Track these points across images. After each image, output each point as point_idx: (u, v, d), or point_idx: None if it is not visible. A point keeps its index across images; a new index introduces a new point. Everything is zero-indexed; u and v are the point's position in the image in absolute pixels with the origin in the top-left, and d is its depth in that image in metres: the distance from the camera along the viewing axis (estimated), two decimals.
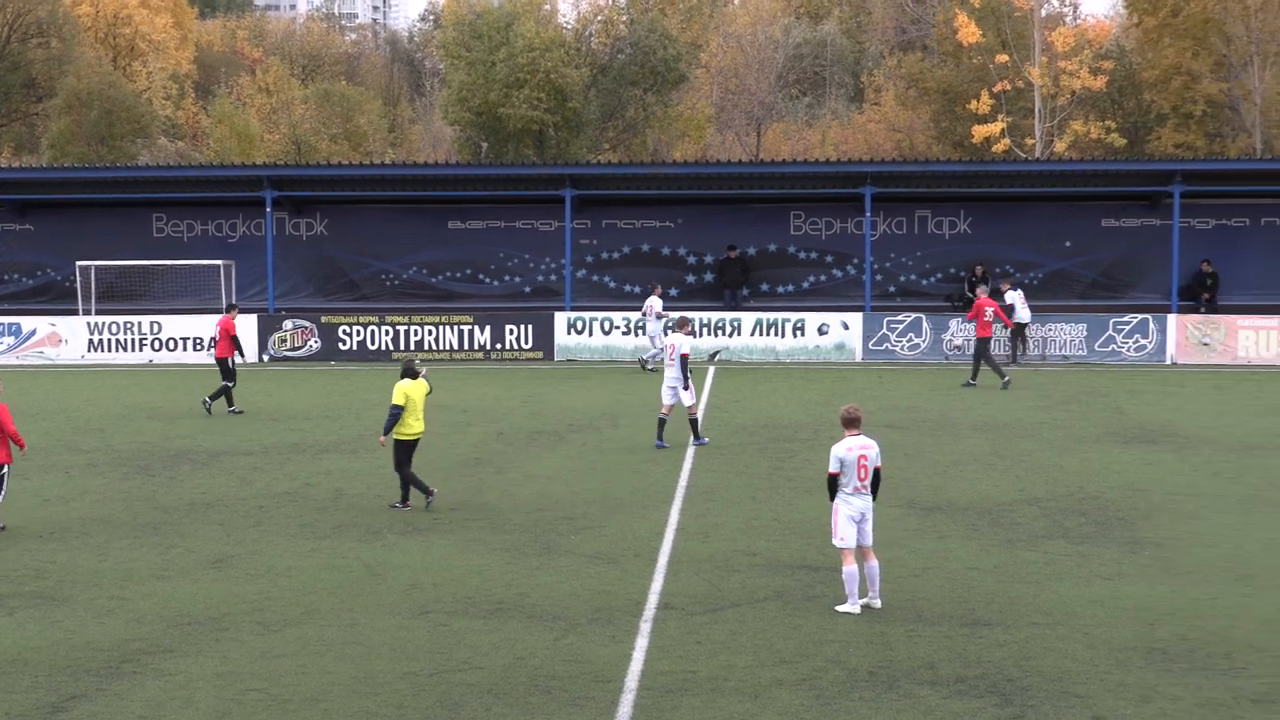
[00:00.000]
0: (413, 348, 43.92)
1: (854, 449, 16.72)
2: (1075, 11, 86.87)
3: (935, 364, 42.79)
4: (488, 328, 44.10)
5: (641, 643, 15.71)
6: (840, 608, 16.68)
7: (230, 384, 33.38)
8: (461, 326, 44.23)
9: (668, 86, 75.49)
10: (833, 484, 16.77)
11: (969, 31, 71.71)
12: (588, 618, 16.65)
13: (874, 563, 16.95)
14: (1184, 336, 42.88)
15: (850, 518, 16.68)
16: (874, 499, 16.96)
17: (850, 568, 16.61)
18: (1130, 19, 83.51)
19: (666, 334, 39.19)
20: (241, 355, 34.37)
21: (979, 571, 18.66)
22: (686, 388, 28.12)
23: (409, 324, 44.36)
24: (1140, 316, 43.31)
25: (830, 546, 19.98)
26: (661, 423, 28.37)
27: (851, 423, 16.93)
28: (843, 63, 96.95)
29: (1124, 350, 42.95)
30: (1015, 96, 74.08)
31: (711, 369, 41.13)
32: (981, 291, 39.02)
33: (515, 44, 68.82)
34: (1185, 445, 28.34)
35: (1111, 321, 43.17)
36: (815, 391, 36.48)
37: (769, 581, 18.15)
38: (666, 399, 28.29)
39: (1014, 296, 42.02)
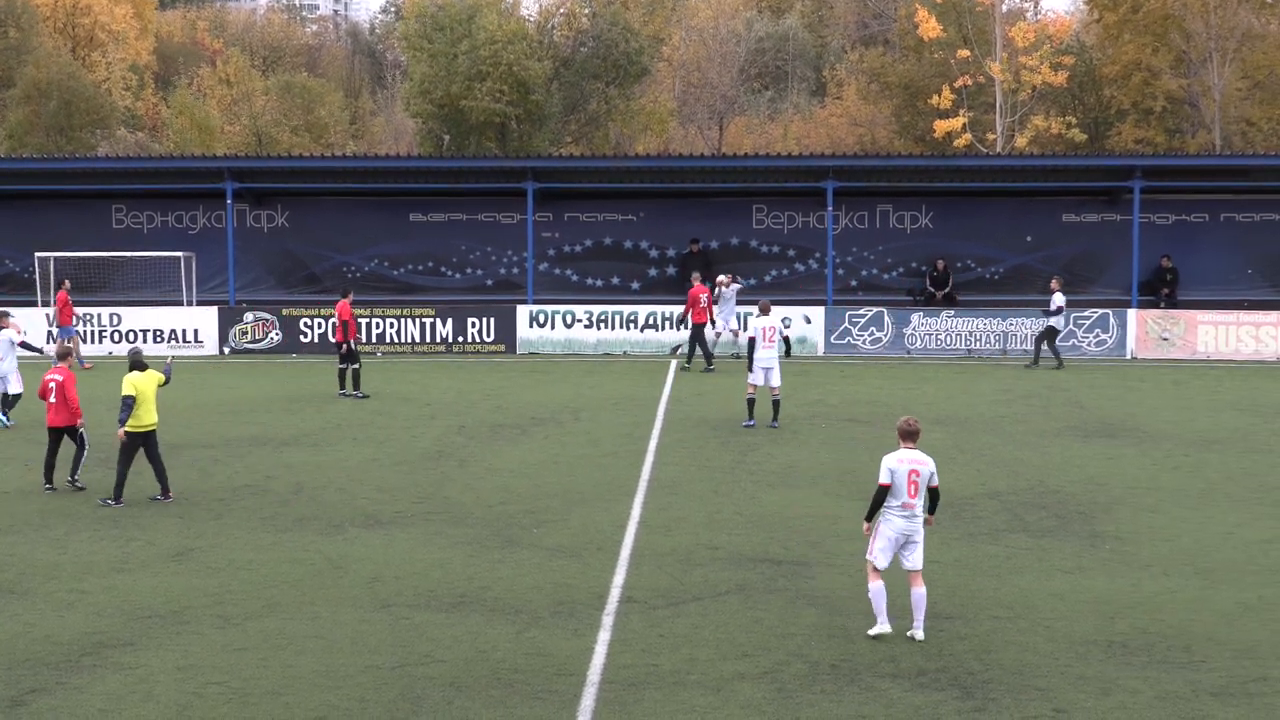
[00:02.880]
0: (374, 341, 43.80)
1: (905, 462, 15.58)
2: (1036, 7, 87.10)
3: (897, 358, 42.90)
4: (449, 321, 44.01)
5: (604, 636, 15.71)
6: (871, 631, 15.58)
7: (355, 365, 34.14)
8: (423, 319, 44.13)
9: (630, 80, 75.46)
10: (880, 496, 15.56)
11: (930, 26, 71.87)
12: (550, 611, 16.64)
13: (920, 589, 15.66)
14: (1144, 331, 43.09)
15: (890, 539, 15.58)
16: (930, 515, 15.92)
17: (876, 584, 15.60)
18: (1091, 15, 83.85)
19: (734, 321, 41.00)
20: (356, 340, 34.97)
21: (940, 565, 18.70)
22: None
23: (370, 316, 44.23)
24: (1101, 312, 43.51)
25: (792, 540, 20.08)
26: (751, 402, 29.80)
27: (909, 435, 15.73)
28: (805, 57, 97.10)
29: (1084, 345, 43.13)
30: (977, 92, 74.32)
31: (673, 363, 41.16)
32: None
33: (478, 36, 68.67)
34: (1145, 440, 28.48)
35: (1072, 316, 43.33)
36: None
37: (731, 575, 18.17)
38: (762, 380, 29.65)
39: (1060, 300, 40.67)
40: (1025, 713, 13.52)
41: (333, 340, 34.95)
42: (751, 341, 29.98)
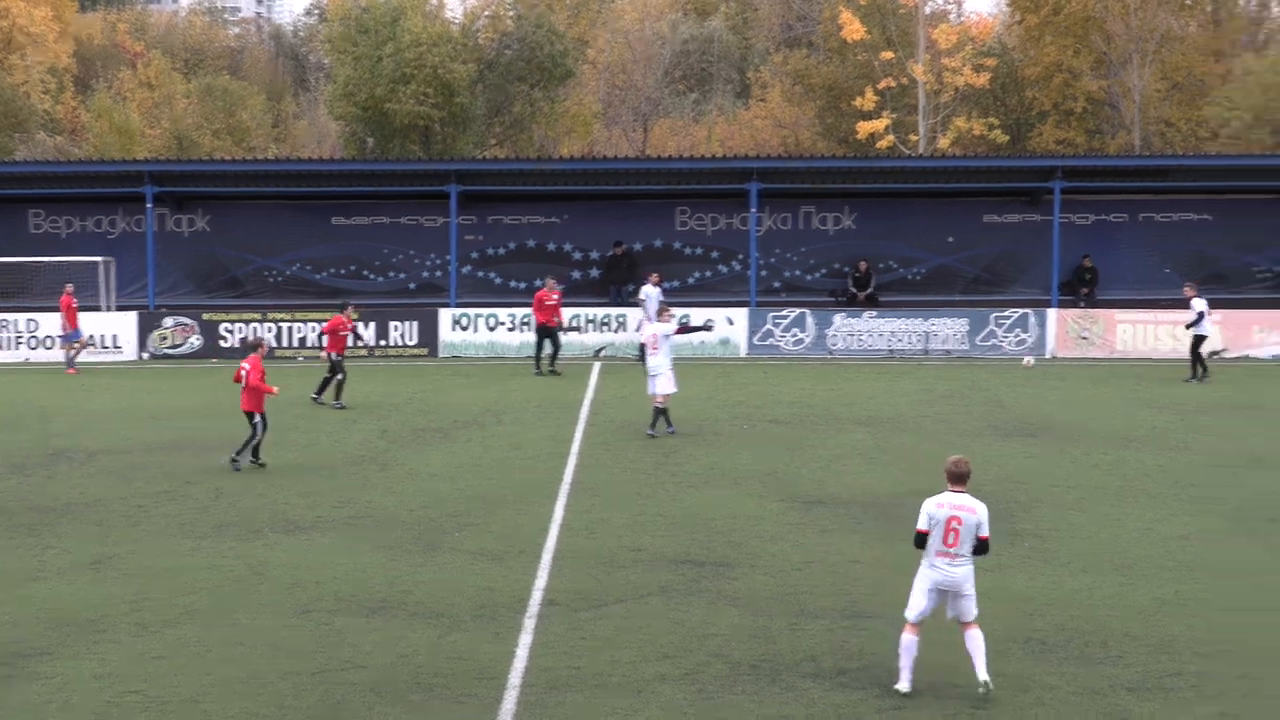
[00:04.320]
0: (295, 345, 43.57)
1: (945, 505, 14.31)
2: (959, 9, 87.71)
3: (819, 359, 43.06)
4: (372, 324, 43.80)
5: (525, 639, 15.71)
6: (895, 686, 14.19)
7: (340, 377, 33.77)
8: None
9: (555, 82, 75.38)
10: (919, 542, 14.44)
11: (854, 29, 72.22)
12: (471, 615, 16.62)
13: (974, 631, 14.32)
14: (1064, 331, 43.45)
15: (925, 590, 14.36)
16: (972, 565, 14.41)
17: (906, 636, 14.30)
18: (1012, 17, 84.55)
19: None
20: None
21: (861, 564, 18.83)
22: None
23: (292, 321, 43.99)
24: (1021, 311, 43.82)
25: (714, 541, 20.13)
26: (658, 411, 29.08)
27: (957, 478, 14.47)
28: (729, 59, 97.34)
29: (1005, 344, 43.45)
30: (900, 93, 74.72)
31: (597, 365, 41.16)
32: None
33: (402, 39, 68.38)
34: (1064, 438, 28.72)
35: (993, 316, 43.65)
36: (700, 387, 36.56)
37: (653, 577, 18.20)
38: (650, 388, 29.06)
39: (1200, 304, 38.24)
40: (944, 710, 13.63)
41: (324, 351, 34.42)
42: (643, 348, 29.93)
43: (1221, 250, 46.67)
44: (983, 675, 14.00)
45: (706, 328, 35.19)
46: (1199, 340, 37.99)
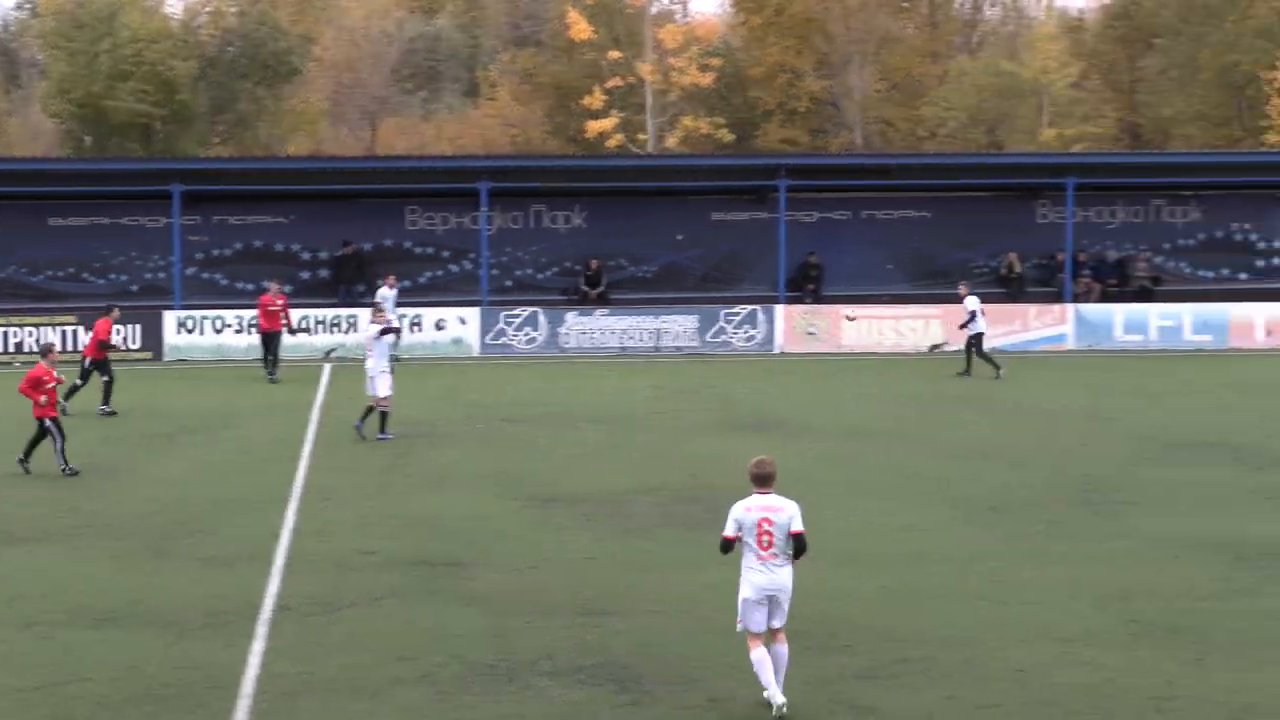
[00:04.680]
0: (12, 350, 42.18)
1: (754, 509, 13.77)
2: (684, 9, 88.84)
3: (552, 357, 43.20)
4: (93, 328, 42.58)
5: (258, 646, 15.45)
6: (765, 695, 13.55)
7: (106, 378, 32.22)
8: (65, 327, 42.60)
9: (280, 80, 74.30)
10: (725, 548, 13.89)
11: (581, 28, 72.64)
12: (201, 623, 16.30)
13: (782, 647, 13.76)
14: (791, 326, 44.27)
15: (751, 599, 13.68)
16: (792, 568, 13.89)
17: (756, 652, 13.58)
18: (736, 17, 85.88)
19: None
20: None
21: (596, 561, 18.94)
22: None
23: (8, 325, 42.56)
24: (750, 308, 44.52)
25: (449, 541, 20.06)
26: (374, 412, 28.46)
27: (761, 480, 13.99)
28: (457, 57, 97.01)
29: (734, 341, 44.11)
30: (628, 92, 75.29)
31: (328, 367, 40.65)
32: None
33: (120, 35, 66.72)
34: (793, 432, 29.27)
35: (722, 313, 44.29)
36: (433, 387, 36.43)
37: (387, 579, 18.07)
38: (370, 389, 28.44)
39: (973, 302, 38.42)
40: (680, 703, 13.77)
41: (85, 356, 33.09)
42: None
43: (941, 247, 48.03)
44: (779, 698, 13.35)
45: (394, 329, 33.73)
46: (976, 338, 38.15)
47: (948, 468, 25.54)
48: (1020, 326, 44.34)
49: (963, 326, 38.40)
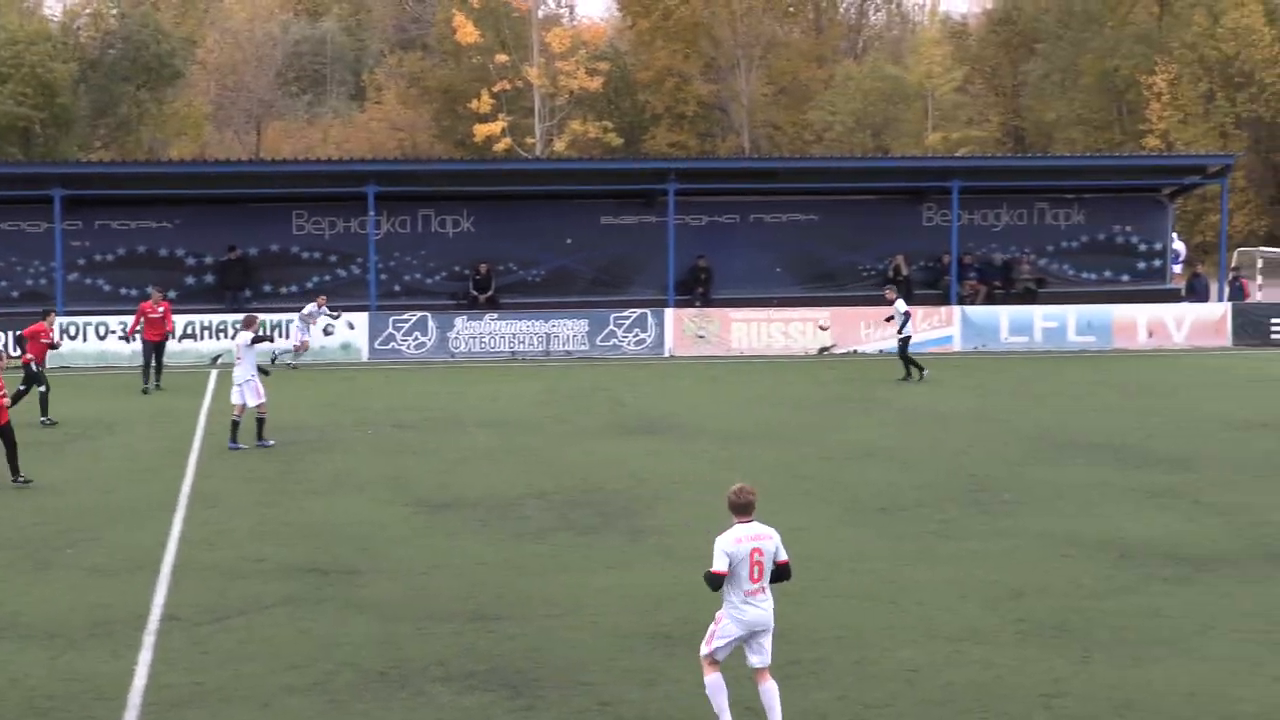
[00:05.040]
0: None
1: (745, 540, 13.10)
2: (572, 13, 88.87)
3: (442, 362, 43.03)
4: None
5: (145, 656, 15.25)
6: None
7: (43, 388, 31.56)
8: None
9: (163, 83, 73.56)
10: (715, 585, 13.14)
11: (467, 31, 72.52)
12: (87, 633, 16.06)
13: (769, 685, 13.11)
14: (681, 330, 44.40)
15: (734, 635, 13.06)
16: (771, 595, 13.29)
17: (713, 676, 13.11)
18: (624, 21, 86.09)
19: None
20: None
21: (488, 566, 18.88)
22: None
23: None
24: (640, 311, 44.60)
25: (340, 548, 19.90)
26: (259, 421, 28.05)
27: (742, 509, 13.35)
28: (343, 60, 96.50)
29: (625, 344, 44.16)
30: (516, 96, 75.27)
31: (214, 374, 40.22)
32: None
33: None
34: (684, 435, 29.34)
35: (612, 316, 44.32)
36: (322, 393, 36.17)
37: (278, 587, 17.90)
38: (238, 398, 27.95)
39: (901, 306, 38.16)
40: (573, 707, 13.76)
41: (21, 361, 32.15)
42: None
43: (828, 250, 48.32)
44: None
45: (268, 338, 33.01)
46: (905, 341, 37.88)
47: (837, 469, 25.72)
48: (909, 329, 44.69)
49: (898, 330, 37.84)
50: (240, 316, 33.57)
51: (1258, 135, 78.03)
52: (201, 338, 42.49)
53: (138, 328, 37.67)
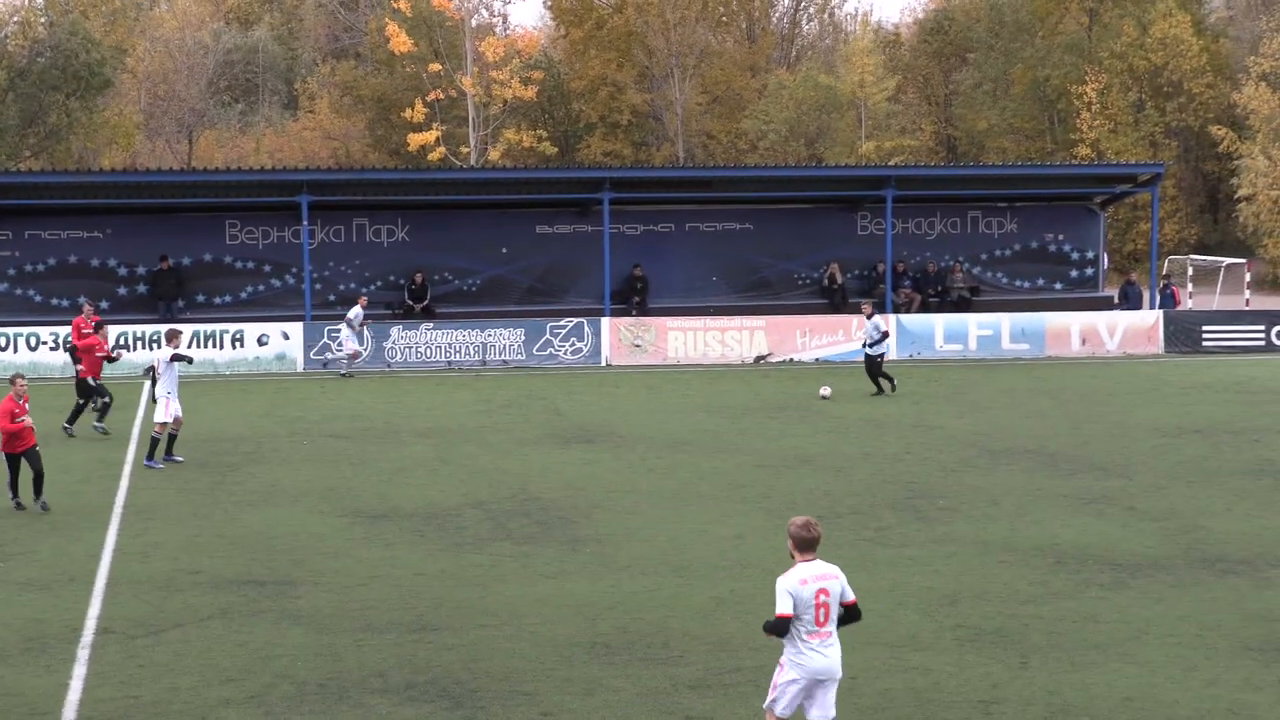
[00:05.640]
0: None
1: (810, 580, 11.90)
2: (505, 22, 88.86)
3: (378, 371, 42.87)
4: None
5: (79, 670, 15.13)
6: None
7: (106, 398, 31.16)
8: None
9: (92, 92, 72.98)
10: (781, 630, 12.01)
11: (401, 40, 72.43)
12: (19, 648, 15.91)
13: None
14: (617, 339, 44.40)
15: (801, 683, 11.99)
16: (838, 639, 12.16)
17: None
18: (558, 31, 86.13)
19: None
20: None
21: (426, 577, 18.82)
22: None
23: None
24: (576, 320, 44.56)
25: (276, 559, 19.79)
26: (155, 441, 27.41)
27: (807, 545, 12.00)
28: (275, 69, 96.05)
29: (561, 353, 44.11)
30: (449, 105, 75.20)
31: (146, 385, 39.90)
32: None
33: None
34: (621, 444, 29.36)
35: (549, 326, 44.27)
36: (256, 403, 35.97)
37: (213, 599, 17.79)
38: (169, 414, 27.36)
39: (882, 322, 37.14)
40: (512, 717, 13.74)
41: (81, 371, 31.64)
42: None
43: (763, 258, 48.46)
44: None
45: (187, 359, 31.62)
46: (878, 359, 36.56)
47: (774, 477, 25.78)
48: (843, 337, 44.86)
49: (872, 345, 36.51)
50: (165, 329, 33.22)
51: (1187, 144, 78.83)
52: (134, 348, 42.10)
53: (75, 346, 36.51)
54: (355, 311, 42.38)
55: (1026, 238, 50.05)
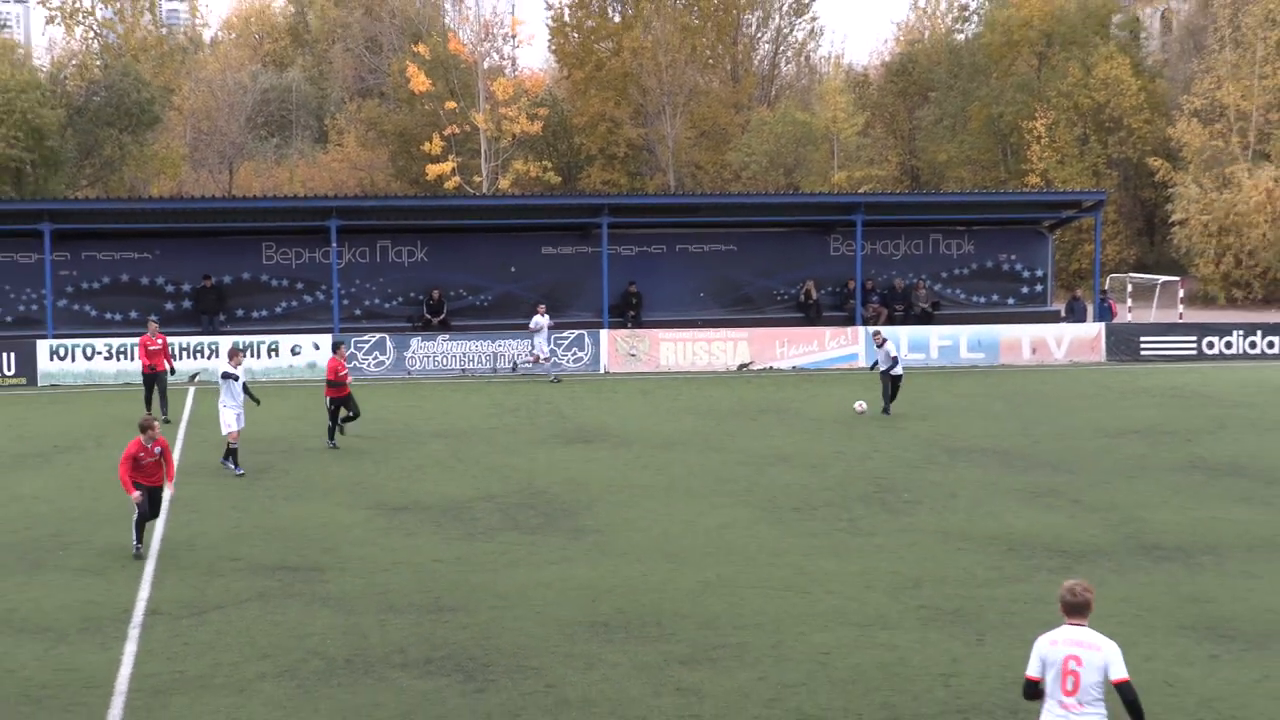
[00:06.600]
0: None
1: (1060, 643, 10.21)
2: (514, 65, 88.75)
3: (399, 378, 42.83)
4: None
5: (130, 648, 15.13)
6: None
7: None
8: None
9: (143, 127, 72.91)
10: (1027, 690, 10.44)
11: (420, 81, 72.39)
12: (77, 628, 15.90)
13: None
14: (614, 349, 44.36)
15: None
16: None
17: None
18: (561, 72, 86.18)
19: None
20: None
21: (443, 563, 18.82)
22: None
23: None
24: (577, 331, 44.52)
25: (308, 548, 19.76)
26: (231, 450, 26.67)
27: (1075, 609, 10.31)
28: (307, 107, 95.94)
29: (564, 362, 44.04)
30: (464, 139, 75.14)
31: (192, 389, 39.89)
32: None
33: None
34: (619, 444, 29.33)
35: (552, 337, 44.18)
36: (289, 407, 35.91)
37: (251, 583, 17.79)
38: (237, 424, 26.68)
39: (890, 348, 34.34)
40: (521, 689, 13.74)
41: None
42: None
43: (746, 276, 48.42)
44: None
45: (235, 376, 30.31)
46: (897, 379, 34.37)
47: (756, 473, 25.77)
48: (817, 347, 44.85)
49: (887, 370, 34.31)
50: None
51: (1126, 174, 78.80)
52: (180, 358, 42.05)
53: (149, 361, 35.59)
54: (535, 320, 42.14)
55: (982, 258, 50.02)
